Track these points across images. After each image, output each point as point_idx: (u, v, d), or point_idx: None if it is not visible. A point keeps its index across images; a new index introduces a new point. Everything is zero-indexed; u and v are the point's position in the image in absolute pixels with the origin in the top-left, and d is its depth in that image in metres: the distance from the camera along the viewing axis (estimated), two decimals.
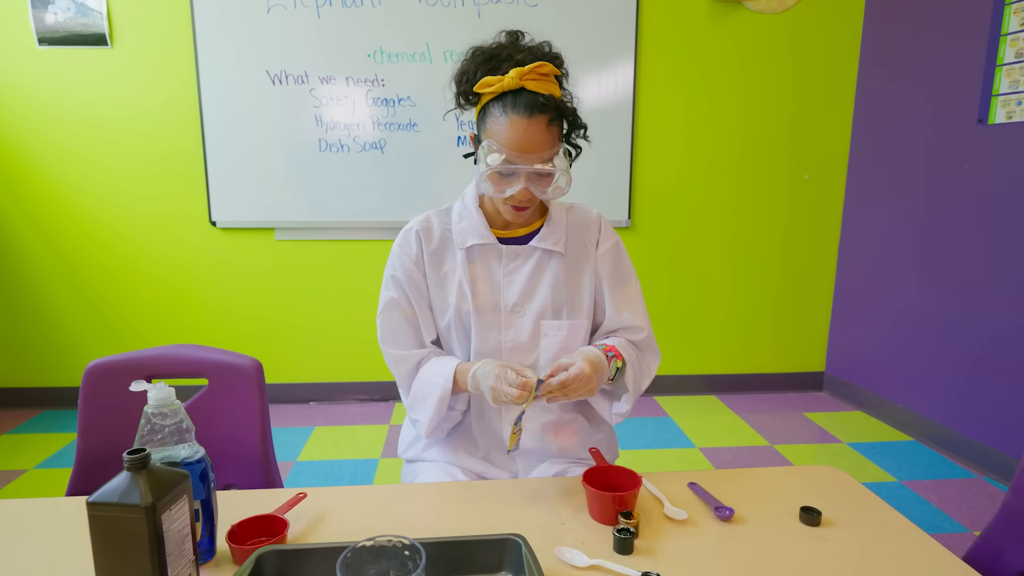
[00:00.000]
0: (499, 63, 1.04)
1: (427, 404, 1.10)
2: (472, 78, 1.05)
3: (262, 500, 0.93)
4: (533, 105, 1.00)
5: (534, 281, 1.14)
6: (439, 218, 1.17)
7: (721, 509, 0.92)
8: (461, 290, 1.12)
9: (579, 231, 1.18)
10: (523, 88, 1.01)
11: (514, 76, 1.01)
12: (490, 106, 1.04)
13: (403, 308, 1.14)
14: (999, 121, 2.25)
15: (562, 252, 1.15)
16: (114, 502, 0.66)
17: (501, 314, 1.13)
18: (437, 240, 1.15)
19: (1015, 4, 2.17)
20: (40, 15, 2.65)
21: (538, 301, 1.13)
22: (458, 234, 1.14)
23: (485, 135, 1.05)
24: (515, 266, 1.14)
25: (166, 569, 0.69)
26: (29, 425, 2.81)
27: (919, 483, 2.26)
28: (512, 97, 1.01)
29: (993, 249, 2.31)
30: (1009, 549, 0.90)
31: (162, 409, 0.79)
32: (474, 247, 1.14)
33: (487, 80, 1.03)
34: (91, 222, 2.89)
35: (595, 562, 0.80)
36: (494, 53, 1.05)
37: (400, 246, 1.16)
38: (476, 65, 1.05)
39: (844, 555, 0.83)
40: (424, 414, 1.10)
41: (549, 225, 1.15)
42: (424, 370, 1.12)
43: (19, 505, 0.95)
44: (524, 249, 1.14)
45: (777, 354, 3.26)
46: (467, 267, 1.13)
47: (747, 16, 2.94)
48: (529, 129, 1.01)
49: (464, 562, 0.77)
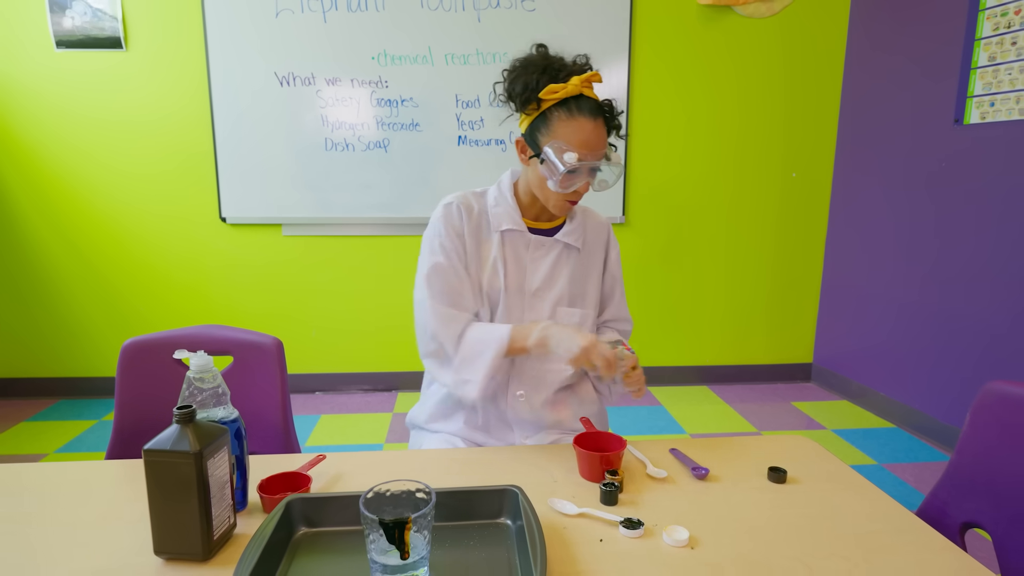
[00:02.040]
0: (556, 72, 1.14)
1: (482, 361, 1.15)
2: (536, 86, 1.14)
3: (285, 462, 1.04)
4: (596, 108, 1.13)
5: (555, 270, 1.26)
6: (476, 199, 1.27)
7: (697, 469, 1.02)
8: (495, 269, 1.23)
9: (592, 233, 1.32)
10: (582, 93, 1.13)
11: (576, 83, 1.12)
12: (554, 111, 1.14)
13: (452, 272, 1.21)
14: (974, 121, 2.36)
15: (579, 248, 1.29)
16: (167, 449, 0.77)
17: (525, 297, 1.25)
18: (476, 218, 1.24)
19: (988, 10, 2.28)
20: (58, 19, 2.76)
21: (556, 289, 1.26)
22: (494, 217, 1.25)
23: (551, 137, 1.14)
24: (540, 254, 1.26)
25: (210, 510, 0.79)
26: (47, 413, 2.92)
27: (898, 466, 2.37)
28: (575, 102, 1.13)
29: (969, 244, 2.43)
30: (952, 503, 1.00)
31: (202, 374, 0.89)
32: (506, 232, 1.24)
33: (552, 87, 1.12)
34: (105, 219, 3.00)
35: (583, 510, 0.90)
36: (548, 63, 1.15)
37: (444, 217, 1.23)
38: (538, 74, 1.14)
39: (805, 507, 0.93)
40: (477, 372, 1.15)
41: (572, 222, 1.29)
42: (473, 331, 1.19)
43: (63, 468, 1.04)
44: (549, 240, 1.26)
45: (767, 346, 3.37)
46: (501, 248, 1.23)
47: (737, 21, 3.04)
48: (596, 129, 1.13)
49: (467, 509, 0.87)
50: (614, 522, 0.87)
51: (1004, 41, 2.24)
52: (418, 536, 0.72)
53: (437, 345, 1.20)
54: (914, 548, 0.82)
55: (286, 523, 0.82)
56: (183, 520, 0.77)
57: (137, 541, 0.82)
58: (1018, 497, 0.92)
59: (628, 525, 0.85)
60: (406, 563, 0.71)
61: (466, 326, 1.20)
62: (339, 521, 0.85)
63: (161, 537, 0.78)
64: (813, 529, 0.86)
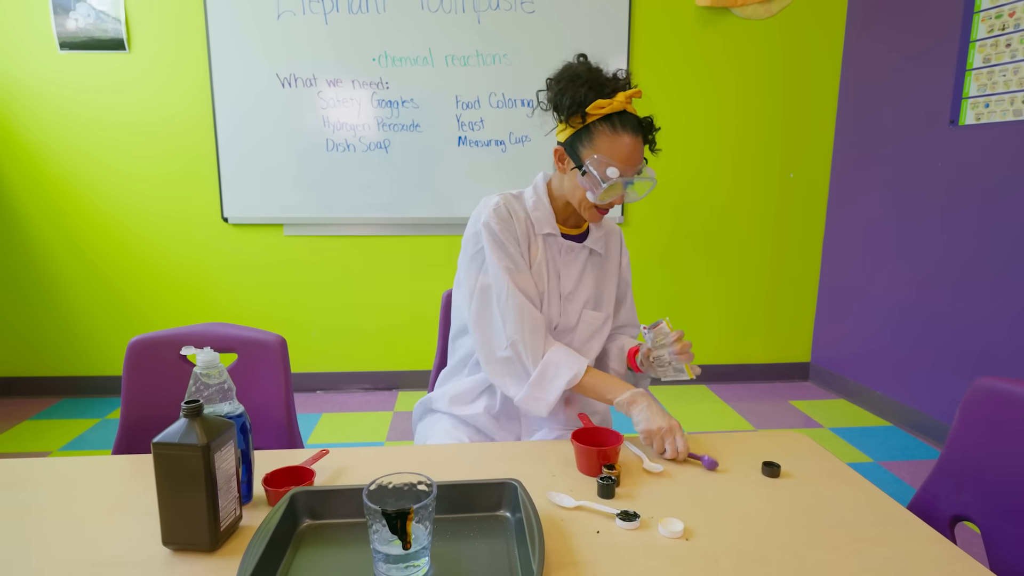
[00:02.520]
0: (601, 87, 1.16)
1: (556, 383, 1.18)
2: (584, 100, 1.15)
3: (289, 457, 1.06)
4: (638, 125, 1.18)
5: (583, 275, 1.31)
6: (517, 201, 1.28)
7: (705, 459, 1.04)
8: (539, 272, 1.25)
9: (609, 240, 1.37)
10: (626, 110, 1.16)
11: (622, 99, 1.15)
12: (598, 125, 1.16)
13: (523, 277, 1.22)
14: (969, 122, 2.39)
15: (602, 254, 1.33)
16: (175, 442, 0.79)
17: (559, 300, 1.28)
18: (523, 222, 1.26)
19: (983, 12, 2.31)
20: (62, 21, 2.78)
21: (583, 293, 1.30)
22: (536, 221, 1.27)
23: (592, 151, 1.16)
24: (570, 259, 1.29)
25: (217, 502, 0.81)
26: (50, 411, 2.94)
27: (894, 463, 2.40)
28: (619, 118, 1.15)
29: (965, 244, 2.45)
30: (942, 497, 1.02)
31: (208, 370, 0.91)
32: (546, 236, 1.28)
33: (599, 103, 1.14)
34: (108, 219, 3.02)
35: (581, 503, 0.92)
36: (593, 77, 1.17)
37: (498, 220, 1.22)
38: (585, 89, 1.15)
39: (797, 500, 0.94)
40: (552, 393, 1.19)
41: (597, 230, 1.34)
42: (553, 353, 1.21)
43: (72, 462, 1.06)
44: (578, 246, 1.30)
45: (765, 345, 3.39)
46: (545, 252, 1.26)
47: (735, 22, 3.07)
48: (636, 145, 1.16)
49: (468, 502, 0.89)
50: (611, 514, 0.89)
51: (999, 43, 2.27)
52: (419, 527, 0.74)
53: (513, 354, 1.21)
54: (904, 540, 0.84)
55: (291, 515, 0.84)
56: (191, 511, 0.79)
57: (145, 532, 0.84)
58: (1006, 491, 0.95)
59: (624, 517, 0.87)
60: (408, 553, 0.73)
61: (547, 345, 1.22)
62: (342, 513, 0.87)
63: (169, 528, 0.80)
64: (805, 521, 0.88)
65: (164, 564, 0.78)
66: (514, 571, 0.76)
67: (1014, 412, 0.95)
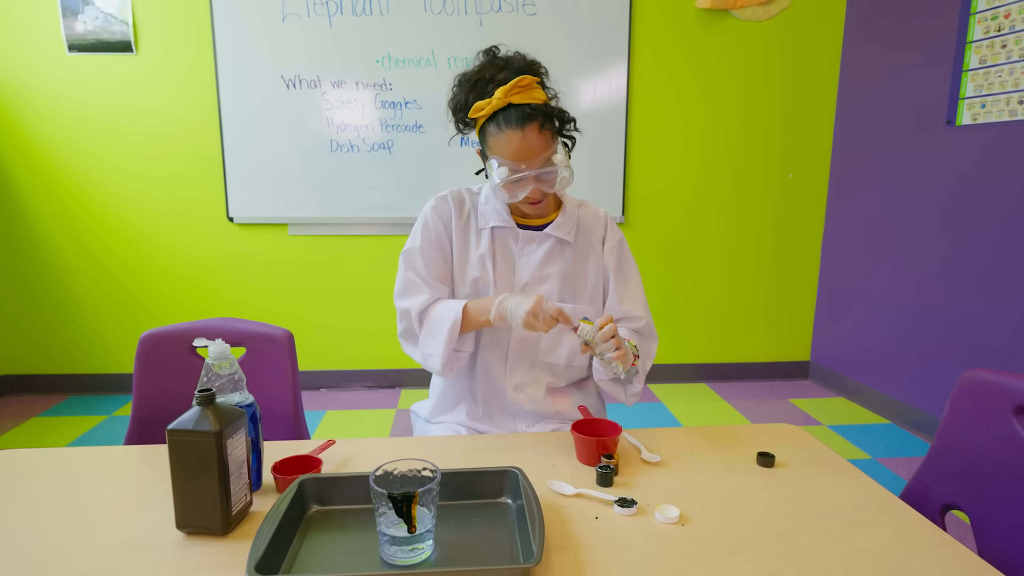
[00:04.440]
0: (484, 86, 1.16)
1: (440, 335, 1.19)
2: (465, 106, 1.17)
3: (297, 447, 1.09)
4: (522, 117, 1.13)
5: (545, 265, 1.27)
6: (469, 196, 1.31)
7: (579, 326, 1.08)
8: (483, 264, 1.26)
9: (588, 226, 1.32)
10: (510, 104, 1.14)
11: (500, 96, 1.13)
12: (486, 126, 1.17)
13: (425, 255, 1.25)
14: (965, 123, 2.41)
15: (571, 242, 1.29)
16: (189, 429, 0.82)
17: (514, 290, 1.27)
18: (467, 213, 1.28)
19: (979, 14, 2.33)
20: (71, 23, 2.82)
21: (548, 283, 1.27)
22: (482, 215, 1.28)
23: (489, 152, 1.18)
24: (529, 249, 1.27)
25: (229, 487, 0.84)
26: (58, 409, 2.98)
27: (892, 459, 2.42)
28: (503, 114, 1.14)
29: (962, 243, 2.47)
30: (933, 486, 1.05)
31: (220, 361, 0.94)
32: (496, 228, 1.28)
33: (478, 105, 1.15)
34: (115, 219, 3.05)
35: (580, 491, 0.95)
36: (478, 78, 1.17)
37: (435, 207, 1.28)
38: (465, 93, 1.18)
39: (791, 488, 0.97)
40: (437, 346, 1.19)
41: (563, 216, 1.29)
42: (433, 309, 1.23)
43: (86, 452, 1.09)
44: (538, 234, 1.28)
45: (765, 344, 3.41)
46: (490, 244, 1.27)
47: (734, 24, 3.09)
48: (524, 139, 1.13)
49: (470, 489, 0.92)
50: (609, 501, 0.91)
51: (995, 44, 2.29)
52: (424, 510, 0.77)
53: (407, 323, 1.25)
54: (894, 526, 0.86)
55: (299, 501, 0.87)
56: (203, 496, 0.82)
57: (159, 517, 0.87)
58: (994, 480, 0.97)
59: (622, 504, 0.89)
60: (413, 536, 0.76)
61: (429, 304, 1.23)
62: (349, 500, 0.89)
63: (183, 512, 0.83)
64: (798, 509, 0.91)
65: (178, 547, 0.81)
66: (515, 554, 0.79)
67: (1002, 403, 0.98)
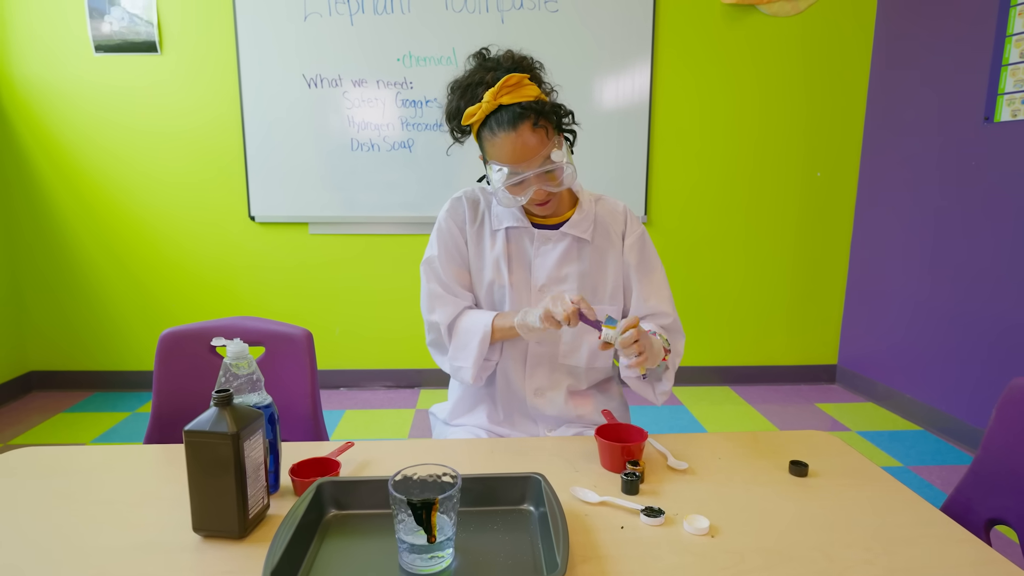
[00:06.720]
0: (475, 90, 1.13)
1: (471, 348, 1.20)
2: (458, 113, 1.15)
3: (315, 449, 1.07)
4: (513, 118, 1.09)
5: (562, 264, 1.24)
6: (484, 195, 1.28)
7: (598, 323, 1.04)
8: (498, 266, 1.23)
9: (606, 222, 1.27)
10: (501, 105, 1.10)
11: (489, 98, 1.10)
12: (481, 131, 1.14)
13: (445, 263, 1.24)
14: (1004, 119, 2.32)
15: (589, 240, 1.25)
16: (206, 430, 0.80)
17: (531, 292, 1.24)
18: (481, 214, 1.26)
19: (1020, 6, 2.24)
20: (97, 25, 2.86)
21: (565, 284, 1.24)
22: (495, 216, 1.25)
23: (488, 157, 1.16)
24: (546, 249, 1.24)
25: (246, 489, 0.82)
26: (83, 404, 3.02)
27: (924, 468, 2.34)
28: (494, 117, 1.11)
29: (1001, 244, 2.38)
30: (977, 499, 1.00)
31: (238, 361, 0.93)
32: (510, 229, 1.25)
33: (469, 111, 1.12)
34: (139, 222, 3.09)
35: (605, 499, 0.92)
36: (469, 82, 1.14)
37: (448, 211, 1.26)
38: (456, 100, 1.15)
39: (826, 499, 0.93)
40: (468, 359, 1.20)
41: (579, 214, 1.25)
42: (461, 321, 1.22)
43: (107, 451, 1.10)
44: (555, 234, 1.24)
45: (790, 347, 3.34)
46: (505, 245, 1.24)
47: (761, 19, 3.03)
48: (519, 140, 1.09)
49: (492, 495, 0.89)
50: (635, 510, 0.88)
51: None
52: (444, 517, 0.74)
53: (436, 334, 1.24)
54: (936, 541, 0.82)
55: (317, 505, 0.85)
56: (220, 498, 0.81)
57: (176, 519, 0.86)
58: None
59: (649, 513, 0.86)
60: (432, 544, 0.74)
61: (458, 315, 1.22)
62: (368, 504, 0.87)
63: (200, 515, 0.82)
64: (834, 521, 0.87)
65: (194, 550, 0.79)
66: (538, 564, 0.76)
67: None
